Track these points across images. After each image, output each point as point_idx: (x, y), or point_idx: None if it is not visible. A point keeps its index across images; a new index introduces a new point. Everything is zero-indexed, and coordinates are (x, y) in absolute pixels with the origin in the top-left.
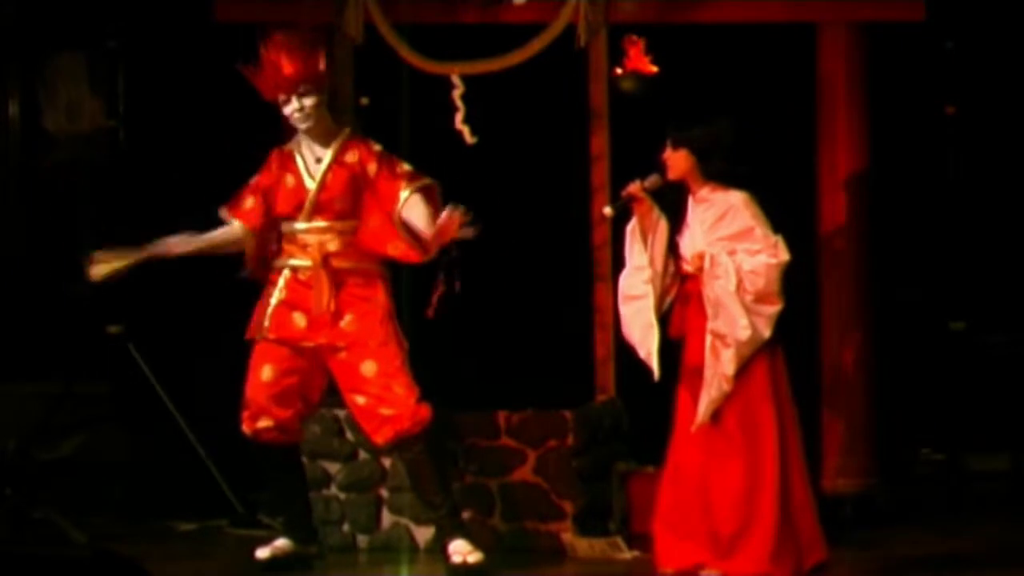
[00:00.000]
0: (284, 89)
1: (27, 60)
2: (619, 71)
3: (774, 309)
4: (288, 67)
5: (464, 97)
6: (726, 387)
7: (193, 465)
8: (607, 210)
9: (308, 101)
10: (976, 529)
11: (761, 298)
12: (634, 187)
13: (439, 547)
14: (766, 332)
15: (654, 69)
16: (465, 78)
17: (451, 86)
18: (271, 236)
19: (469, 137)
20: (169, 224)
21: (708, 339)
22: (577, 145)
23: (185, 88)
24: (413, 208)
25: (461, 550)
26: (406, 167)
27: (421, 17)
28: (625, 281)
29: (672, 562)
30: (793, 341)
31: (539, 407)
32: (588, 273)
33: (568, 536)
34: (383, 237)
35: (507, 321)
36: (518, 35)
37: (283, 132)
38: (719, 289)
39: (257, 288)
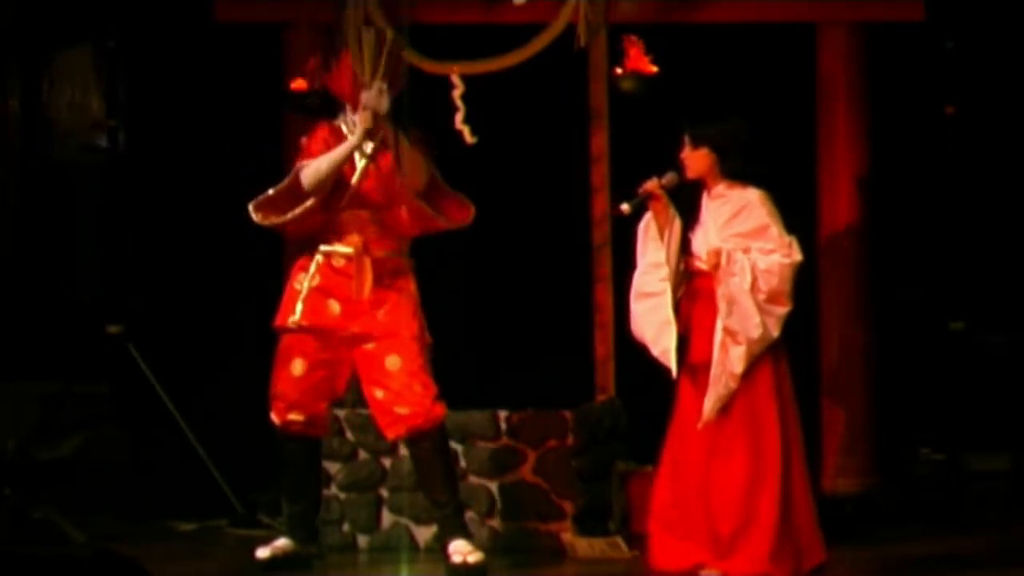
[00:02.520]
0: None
1: (28, 58)
2: (619, 71)
3: (784, 310)
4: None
5: (464, 97)
6: (732, 385)
7: (193, 465)
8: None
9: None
10: (976, 529)
11: (773, 298)
12: (652, 184)
13: (440, 546)
14: (775, 332)
15: (654, 69)
16: (465, 78)
17: (451, 86)
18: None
19: (469, 137)
20: (169, 223)
21: (718, 336)
22: (577, 145)
23: (185, 88)
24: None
25: (461, 550)
26: (433, 172)
27: (421, 17)
28: (640, 278)
29: (671, 562)
30: (793, 341)
31: (539, 407)
32: (588, 273)
33: (568, 536)
34: (410, 220)
35: (507, 321)
36: (518, 35)
37: (282, 132)
38: (734, 287)
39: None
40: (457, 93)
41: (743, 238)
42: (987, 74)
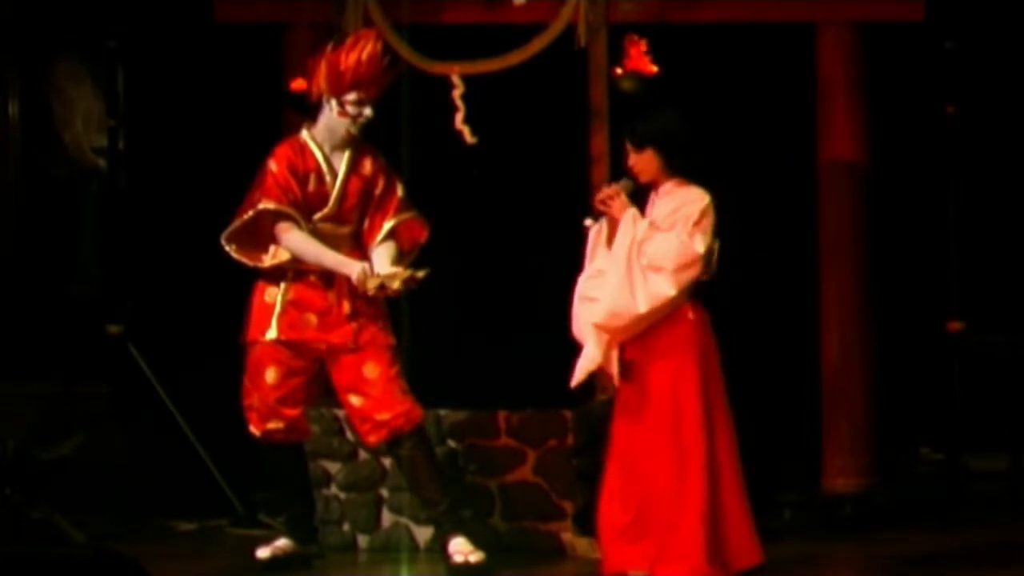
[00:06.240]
0: (365, 90)
1: (28, 59)
2: (619, 71)
3: (662, 282)
4: (378, 73)
5: (464, 97)
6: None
7: (193, 465)
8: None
9: (368, 111)
10: (975, 529)
11: (653, 266)
12: (605, 192)
13: (439, 545)
14: (643, 308)
15: (654, 69)
16: (465, 78)
17: (451, 86)
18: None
19: (469, 137)
20: (169, 224)
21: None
22: (577, 145)
23: (185, 88)
24: (383, 250)
25: (462, 549)
26: (400, 193)
27: (421, 17)
28: (585, 283)
29: (626, 566)
30: (793, 341)
31: (539, 407)
32: None
33: (568, 536)
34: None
35: (507, 320)
36: (518, 35)
37: (281, 132)
38: (619, 240)
39: (256, 285)
40: (457, 93)
41: (675, 224)
42: (987, 74)
